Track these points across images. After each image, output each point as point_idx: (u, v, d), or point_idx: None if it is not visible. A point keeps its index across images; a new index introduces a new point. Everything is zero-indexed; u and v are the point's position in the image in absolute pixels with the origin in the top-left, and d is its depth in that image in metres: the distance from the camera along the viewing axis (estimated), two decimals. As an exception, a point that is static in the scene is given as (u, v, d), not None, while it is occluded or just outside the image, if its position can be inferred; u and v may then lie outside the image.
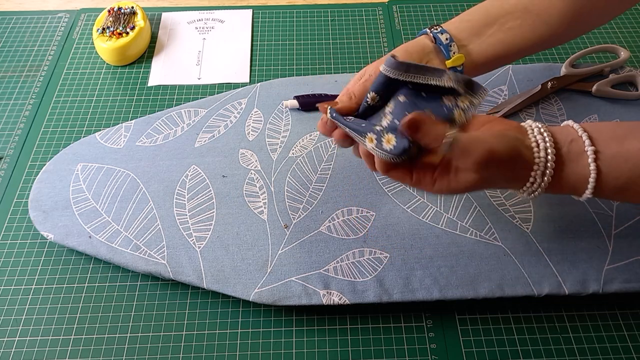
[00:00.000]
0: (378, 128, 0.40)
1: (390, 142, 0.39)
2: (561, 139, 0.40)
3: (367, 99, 0.43)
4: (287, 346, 0.48)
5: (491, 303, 0.49)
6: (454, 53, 0.47)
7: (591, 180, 0.39)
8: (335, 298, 0.47)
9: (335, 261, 0.50)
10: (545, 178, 0.39)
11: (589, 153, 0.39)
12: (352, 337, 0.48)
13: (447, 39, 0.47)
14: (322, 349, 0.47)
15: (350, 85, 0.46)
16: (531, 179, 0.39)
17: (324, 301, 0.47)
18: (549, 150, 0.39)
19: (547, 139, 0.39)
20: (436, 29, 0.48)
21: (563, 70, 0.64)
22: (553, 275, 0.48)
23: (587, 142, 0.39)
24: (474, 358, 0.47)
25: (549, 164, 0.39)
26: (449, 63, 0.48)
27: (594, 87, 0.61)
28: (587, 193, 0.39)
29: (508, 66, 0.65)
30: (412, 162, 0.40)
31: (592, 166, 0.39)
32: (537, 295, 0.48)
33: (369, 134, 0.40)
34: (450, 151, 0.37)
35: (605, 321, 0.49)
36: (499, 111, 0.60)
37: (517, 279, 0.48)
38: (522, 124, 0.41)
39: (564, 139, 0.40)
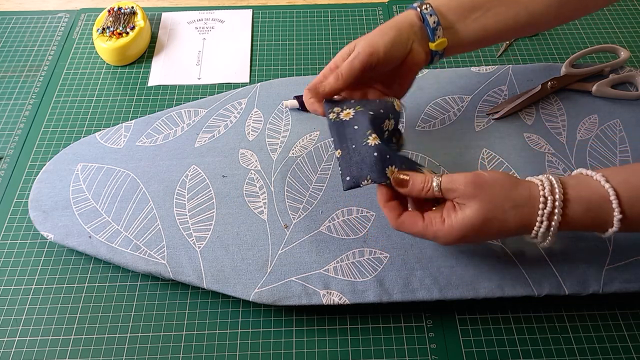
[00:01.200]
0: (352, 146, 0.43)
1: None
2: (563, 178, 0.41)
3: (340, 115, 0.46)
4: (287, 346, 0.48)
5: (491, 303, 0.49)
6: (438, 37, 0.48)
7: (612, 197, 0.38)
8: (335, 298, 0.47)
9: (335, 261, 0.50)
10: (557, 195, 0.38)
11: (597, 178, 0.39)
12: (352, 337, 0.48)
13: (434, 22, 0.47)
14: (322, 349, 0.47)
15: (338, 61, 0.47)
16: (541, 201, 0.39)
17: (324, 301, 0.47)
18: (550, 176, 0.40)
19: (550, 177, 0.40)
20: (426, 9, 0.47)
21: (563, 70, 0.64)
22: (553, 275, 0.48)
23: (591, 172, 0.40)
24: (474, 358, 0.47)
25: (555, 183, 0.39)
26: (432, 46, 0.48)
27: (594, 87, 0.61)
28: (616, 214, 0.38)
29: (508, 66, 0.65)
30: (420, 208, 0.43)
31: (607, 185, 0.39)
32: (537, 295, 0.48)
33: (343, 145, 0.44)
34: (440, 190, 0.40)
35: (605, 321, 0.49)
36: (498, 111, 0.60)
37: (517, 279, 0.48)
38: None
39: (567, 177, 0.41)
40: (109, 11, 0.70)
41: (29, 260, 0.53)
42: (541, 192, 0.39)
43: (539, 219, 0.39)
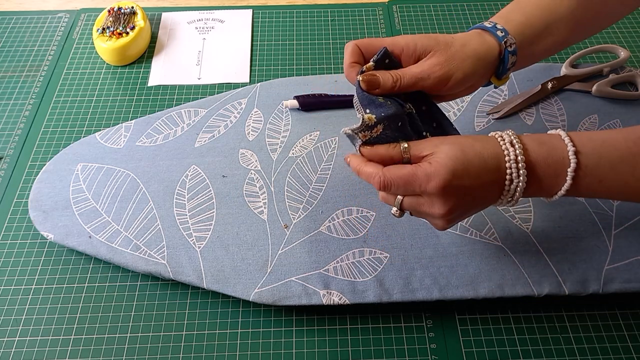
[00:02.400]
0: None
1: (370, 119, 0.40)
2: (523, 134, 0.41)
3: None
4: (287, 346, 0.48)
5: (491, 303, 0.49)
6: (506, 75, 0.47)
7: (564, 136, 0.39)
8: (335, 298, 0.47)
9: (335, 261, 0.50)
10: (509, 132, 0.40)
11: (553, 132, 0.40)
12: (352, 337, 0.48)
13: (511, 64, 0.45)
14: (322, 349, 0.47)
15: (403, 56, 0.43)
16: (499, 139, 0.40)
17: (324, 301, 0.47)
18: (509, 131, 0.40)
19: (507, 130, 0.41)
20: (510, 46, 0.44)
21: (563, 70, 0.64)
22: (553, 275, 0.48)
23: (553, 130, 0.41)
24: (474, 358, 0.47)
25: (512, 136, 0.40)
26: (495, 82, 0.47)
27: (594, 87, 0.61)
28: (571, 152, 0.38)
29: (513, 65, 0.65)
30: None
31: (560, 131, 0.40)
32: (537, 295, 0.48)
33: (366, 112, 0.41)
34: (407, 152, 0.40)
35: (605, 321, 0.49)
36: (499, 111, 0.60)
37: (517, 279, 0.48)
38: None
39: (527, 134, 0.41)
40: (109, 11, 0.70)
41: (29, 260, 0.53)
42: (492, 134, 0.41)
43: (503, 146, 0.39)
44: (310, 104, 0.61)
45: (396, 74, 0.42)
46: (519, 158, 0.39)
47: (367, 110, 0.41)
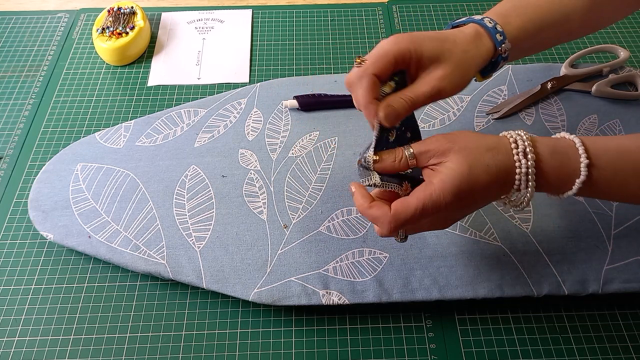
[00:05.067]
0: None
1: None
2: (538, 137, 0.40)
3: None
4: (286, 346, 0.48)
5: (491, 303, 0.49)
6: (490, 75, 0.47)
7: (578, 144, 0.38)
8: (335, 298, 0.47)
9: (334, 261, 0.50)
10: (524, 136, 0.38)
11: (565, 135, 0.39)
12: (352, 337, 0.48)
13: (501, 67, 0.45)
14: (322, 349, 0.47)
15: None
16: (512, 144, 0.38)
17: (324, 301, 0.47)
18: (523, 135, 0.39)
19: (520, 132, 0.39)
20: (504, 53, 0.44)
21: (563, 70, 0.64)
22: (552, 275, 0.48)
23: (569, 135, 0.40)
24: (474, 358, 0.47)
25: (521, 132, 0.39)
26: (479, 79, 0.46)
27: (594, 87, 0.61)
28: (583, 164, 0.38)
29: (508, 66, 0.65)
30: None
31: (573, 136, 0.39)
32: (537, 295, 0.48)
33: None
34: (414, 157, 0.39)
35: (605, 321, 0.49)
36: (498, 111, 0.60)
37: (516, 279, 0.48)
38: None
39: (541, 139, 0.40)
40: (108, 11, 0.70)
41: (28, 260, 0.53)
42: (507, 135, 0.39)
43: (515, 157, 0.38)
44: (309, 103, 0.61)
45: (410, 98, 0.40)
46: (530, 171, 0.38)
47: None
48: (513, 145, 0.38)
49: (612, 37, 0.72)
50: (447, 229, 0.51)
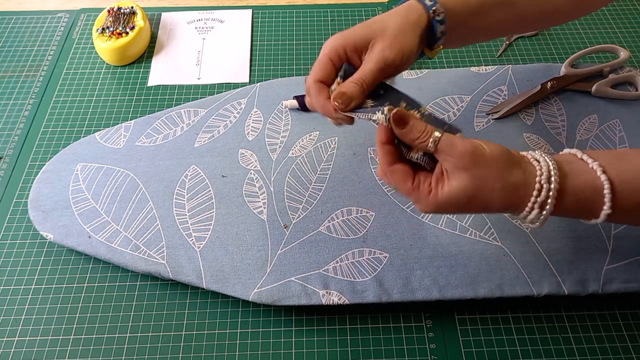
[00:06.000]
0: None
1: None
2: (559, 158, 0.39)
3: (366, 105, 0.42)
4: (286, 346, 0.48)
5: (491, 303, 0.49)
6: (437, 46, 0.46)
7: (606, 191, 0.36)
8: (335, 298, 0.47)
9: (334, 261, 0.50)
10: (553, 185, 0.36)
11: (594, 167, 0.37)
12: (352, 337, 0.48)
13: (441, 32, 0.44)
14: (322, 349, 0.47)
15: (359, 76, 0.42)
16: (536, 189, 0.37)
17: (324, 301, 0.47)
18: (549, 161, 0.37)
19: (544, 154, 0.38)
20: (438, 15, 0.43)
21: (563, 70, 0.64)
22: (552, 275, 0.48)
23: (589, 159, 0.38)
24: (474, 358, 0.47)
25: (552, 171, 0.37)
26: (428, 53, 0.46)
27: (594, 87, 0.61)
28: (606, 208, 0.37)
29: (508, 66, 0.65)
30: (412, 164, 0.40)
31: (603, 177, 0.37)
32: (537, 295, 0.48)
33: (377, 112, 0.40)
34: (434, 148, 0.38)
35: (605, 321, 0.49)
36: (498, 111, 0.60)
37: (516, 279, 0.48)
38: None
39: (563, 159, 0.39)
40: (108, 11, 0.70)
41: (28, 260, 0.53)
42: (537, 179, 0.37)
43: (530, 205, 0.37)
44: (309, 104, 0.61)
45: (358, 79, 0.41)
46: (547, 208, 0.37)
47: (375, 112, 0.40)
48: (537, 177, 0.37)
49: (612, 37, 0.72)
50: (446, 229, 0.51)
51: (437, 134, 0.38)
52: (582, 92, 0.62)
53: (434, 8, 0.43)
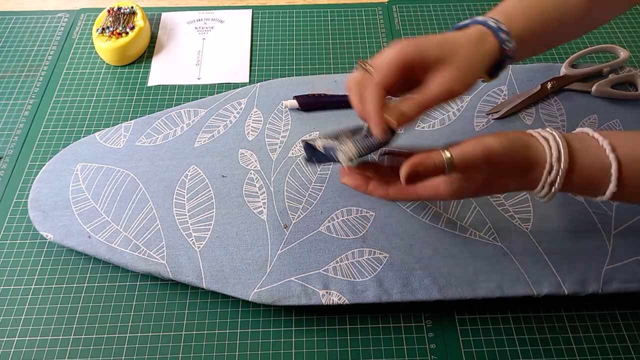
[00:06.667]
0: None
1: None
2: (570, 137, 0.40)
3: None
4: (286, 346, 0.48)
5: (491, 303, 0.49)
6: (498, 75, 0.47)
7: (613, 170, 0.37)
8: (335, 298, 0.47)
9: (334, 261, 0.50)
10: (562, 165, 0.38)
11: (604, 145, 0.38)
12: (352, 337, 0.48)
13: (506, 68, 0.46)
14: (322, 349, 0.47)
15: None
16: (546, 170, 0.38)
17: (324, 301, 0.47)
18: (559, 139, 0.38)
19: (554, 132, 0.39)
20: (510, 52, 0.43)
21: (563, 70, 0.64)
22: (552, 275, 0.48)
23: (600, 137, 0.39)
24: (474, 358, 0.47)
25: (562, 150, 0.38)
26: (487, 79, 0.46)
27: (594, 87, 0.61)
28: (611, 187, 0.38)
29: (508, 66, 0.65)
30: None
31: (612, 155, 0.38)
32: (537, 295, 0.48)
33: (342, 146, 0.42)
34: (452, 169, 0.39)
35: (604, 321, 0.49)
36: (498, 111, 0.60)
37: (516, 279, 0.48)
38: (527, 130, 0.41)
39: (574, 137, 0.40)
40: (108, 11, 0.70)
41: (28, 260, 0.53)
42: (547, 159, 0.39)
43: (540, 184, 0.39)
44: (309, 104, 0.61)
45: (421, 103, 0.40)
46: (555, 187, 0.39)
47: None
48: (545, 173, 0.39)
49: (612, 37, 0.72)
50: (446, 229, 0.51)
51: (446, 155, 0.38)
52: (582, 92, 0.62)
53: (508, 43, 0.43)
